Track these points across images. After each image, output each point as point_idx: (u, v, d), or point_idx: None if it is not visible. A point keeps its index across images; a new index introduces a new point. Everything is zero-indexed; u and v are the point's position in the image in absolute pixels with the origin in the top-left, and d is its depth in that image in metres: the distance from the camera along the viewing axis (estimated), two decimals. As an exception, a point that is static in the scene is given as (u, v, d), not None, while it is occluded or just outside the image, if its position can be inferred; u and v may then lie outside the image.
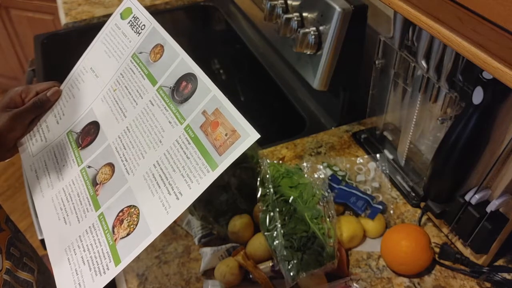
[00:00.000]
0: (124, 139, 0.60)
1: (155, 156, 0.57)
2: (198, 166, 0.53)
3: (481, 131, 0.73)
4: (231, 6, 1.61)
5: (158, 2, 1.64)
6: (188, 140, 0.55)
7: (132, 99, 0.63)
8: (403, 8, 0.53)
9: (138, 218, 0.54)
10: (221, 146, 0.52)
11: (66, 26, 1.53)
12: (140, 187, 0.56)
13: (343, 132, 1.10)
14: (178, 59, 0.62)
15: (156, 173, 0.55)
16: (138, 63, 0.65)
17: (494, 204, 0.73)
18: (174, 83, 0.60)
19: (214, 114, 0.55)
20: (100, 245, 0.54)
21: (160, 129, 0.58)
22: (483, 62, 0.44)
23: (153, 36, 0.66)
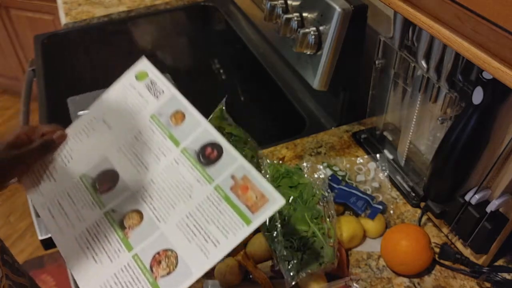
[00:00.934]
0: (150, 190, 0.64)
1: (186, 208, 0.61)
2: (233, 220, 0.58)
3: (481, 131, 0.73)
4: (231, 6, 1.61)
5: (158, 2, 1.64)
6: (219, 198, 0.60)
7: (155, 156, 0.66)
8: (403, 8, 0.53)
9: (177, 261, 0.58)
10: (252, 206, 0.58)
11: (66, 26, 1.53)
12: (174, 234, 0.60)
13: (343, 132, 1.10)
14: (201, 128, 0.66)
15: (190, 223, 0.60)
16: (158, 124, 0.68)
17: (494, 204, 0.73)
18: (199, 148, 0.64)
19: (242, 179, 0.60)
20: (140, 282, 0.58)
21: (188, 185, 0.62)
22: (483, 62, 0.44)
23: (173, 102, 0.69)
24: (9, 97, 2.98)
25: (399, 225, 0.86)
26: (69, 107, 1.19)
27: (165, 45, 1.54)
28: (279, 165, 0.86)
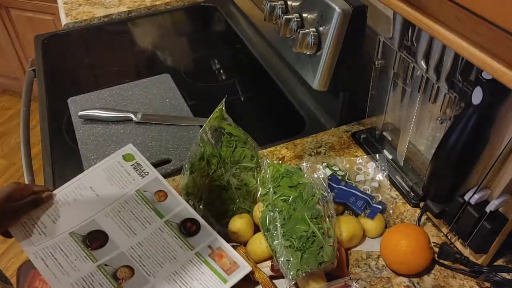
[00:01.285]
0: (138, 251, 0.74)
1: (172, 267, 0.73)
2: (212, 279, 0.72)
3: (480, 131, 0.73)
4: (231, 6, 1.61)
5: (158, 2, 1.64)
6: (200, 262, 0.74)
7: (141, 223, 0.77)
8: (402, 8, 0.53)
9: None
10: (227, 269, 0.74)
11: (67, 26, 1.53)
12: (165, 286, 0.71)
13: (343, 132, 1.10)
14: (181, 206, 0.80)
15: (177, 279, 0.72)
16: (143, 198, 0.80)
17: (494, 204, 0.74)
18: (180, 222, 0.78)
19: (218, 249, 0.76)
20: None
21: (172, 249, 0.75)
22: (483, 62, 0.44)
23: (156, 183, 0.82)
24: (10, 97, 2.98)
25: (398, 225, 0.86)
26: (69, 107, 1.19)
27: (165, 45, 1.55)
28: (279, 165, 0.86)
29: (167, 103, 1.20)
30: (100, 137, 1.10)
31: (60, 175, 1.02)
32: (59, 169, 1.04)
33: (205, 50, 1.50)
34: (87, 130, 1.12)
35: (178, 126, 1.13)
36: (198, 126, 1.12)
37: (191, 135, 1.10)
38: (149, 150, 1.06)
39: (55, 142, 1.12)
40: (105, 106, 1.18)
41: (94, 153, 1.05)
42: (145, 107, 1.19)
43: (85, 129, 1.12)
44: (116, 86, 1.26)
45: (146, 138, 1.10)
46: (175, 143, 1.08)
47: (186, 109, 1.18)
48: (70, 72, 1.45)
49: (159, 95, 1.23)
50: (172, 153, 1.05)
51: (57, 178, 1.01)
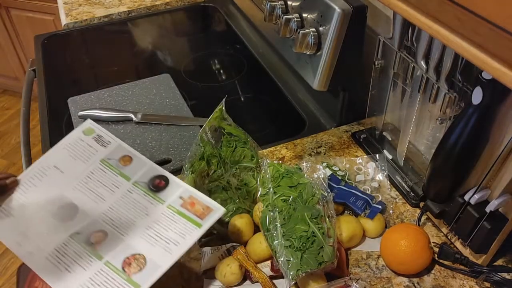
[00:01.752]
0: (109, 214, 0.76)
1: (145, 223, 0.74)
2: (187, 226, 0.73)
3: (480, 131, 0.73)
4: (231, 6, 1.61)
5: (158, 2, 1.64)
6: (173, 213, 0.75)
7: (109, 189, 0.78)
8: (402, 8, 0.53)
9: (146, 261, 0.70)
10: (201, 214, 0.74)
11: (67, 27, 1.53)
12: (139, 242, 0.72)
13: (343, 132, 1.10)
14: (147, 166, 0.81)
15: (151, 233, 0.73)
16: (108, 166, 0.81)
17: (494, 204, 0.74)
18: (148, 180, 0.79)
19: (189, 198, 0.77)
20: (115, 280, 0.69)
21: (143, 208, 0.76)
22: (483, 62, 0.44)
23: (119, 149, 0.83)
24: (10, 97, 2.98)
25: (398, 225, 0.86)
26: (69, 107, 1.19)
27: (165, 45, 1.55)
28: (279, 165, 0.86)
29: (167, 103, 1.20)
30: (100, 137, 1.10)
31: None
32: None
33: (205, 50, 1.50)
34: (87, 130, 1.12)
35: (178, 126, 1.13)
36: (198, 126, 1.12)
37: (191, 135, 1.10)
38: (149, 150, 1.06)
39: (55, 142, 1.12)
40: (105, 106, 1.18)
41: (94, 153, 1.05)
42: (145, 107, 1.19)
43: (85, 129, 1.12)
44: (116, 86, 1.26)
45: (146, 138, 1.10)
46: (175, 143, 1.08)
47: (186, 109, 1.18)
48: (70, 72, 1.45)
49: (159, 95, 1.23)
50: (172, 153, 1.05)
51: (57, 178, 1.01)
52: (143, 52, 1.51)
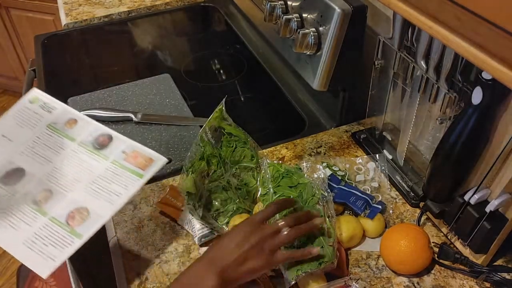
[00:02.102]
0: (55, 174, 0.80)
1: (89, 179, 0.79)
2: (129, 178, 0.78)
3: (480, 131, 0.73)
4: (231, 6, 1.61)
5: (158, 2, 1.64)
6: (116, 167, 0.80)
7: (54, 151, 0.83)
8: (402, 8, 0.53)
9: (89, 213, 0.76)
10: (143, 166, 0.79)
11: (67, 27, 1.53)
12: (83, 197, 0.77)
13: (343, 132, 1.10)
14: (92, 126, 0.85)
15: (95, 187, 0.78)
16: (54, 130, 0.85)
17: (494, 204, 0.74)
18: (93, 139, 0.84)
19: (132, 152, 0.82)
20: (59, 233, 0.74)
21: (88, 165, 0.81)
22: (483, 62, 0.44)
23: (65, 114, 0.87)
24: (10, 97, 2.98)
25: (398, 225, 0.86)
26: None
27: (165, 45, 1.55)
28: (279, 165, 0.86)
29: (167, 103, 1.20)
30: (100, 137, 1.10)
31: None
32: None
33: (205, 50, 1.50)
34: (87, 130, 1.12)
35: (178, 126, 1.13)
36: (198, 126, 1.12)
37: (191, 135, 1.10)
38: (149, 150, 1.06)
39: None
40: (105, 106, 1.18)
41: (94, 153, 1.05)
42: (145, 107, 1.19)
43: (85, 129, 1.12)
44: (116, 86, 1.26)
45: (146, 138, 1.10)
46: (175, 143, 1.08)
47: (186, 109, 1.18)
48: (70, 72, 1.45)
49: (159, 95, 1.23)
50: (172, 153, 1.05)
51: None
52: (143, 52, 1.51)
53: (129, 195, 0.76)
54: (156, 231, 0.89)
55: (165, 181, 0.98)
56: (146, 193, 0.96)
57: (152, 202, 0.94)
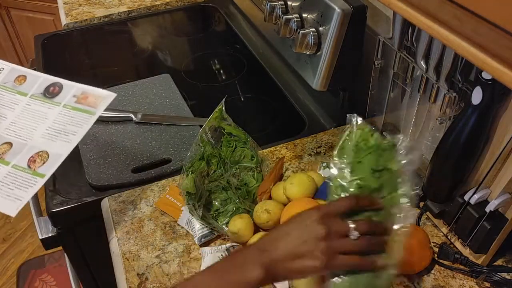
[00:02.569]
0: (13, 128, 0.86)
1: (45, 125, 0.86)
2: (82, 117, 0.85)
3: (480, 131, 0.73)
4: (231, 6, 1.61)
5: (158, 2, 1.64)
6: (68, 110, 0.87)
7: (8, 107, 0.89)
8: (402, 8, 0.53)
9: (48, 154, 0.82)
10: (94, 104, 0.86)
11: (67, 27, 1.53)
12: (41, 142, 0.84)
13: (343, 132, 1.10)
14: (41, 78, 0.92)
15: (51, 132, 0.85)
16: (4, 88, 0.91)
17: (493, 204, 0.74)
18: (43, 90, 0.90)
19: (82, 94, 0.89)
20: (22, 176, 0.80)
21: (42, 113, 0.87)
22: (482, 62, 0.44)
23: (13, 72, 0.94)
24: (9, 97, 2.98)
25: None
26: (69, 107, 1.19)
27: (165, 45, 1.55)
28: (370, 132, 0.63)
29: (167, 103, 1.20)
30: (100, 137, 1.10)
31: (60, 175, 1.02)
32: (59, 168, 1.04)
33: (205, 50, 1.50)
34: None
35: (178, 126, 1.13)
36: (198, 126, 1.12)
37: (191, 135, 1.10)
38: (149, 150, 1.06)
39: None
40: (105, 106, 1.18)
41: (94, 153, 1.05)
42: (145, 107, 1.19)
43: (85, 129, 1.12)
44: (116, 86, 1.26)
45: (146, 138, 1.10)
46: (175, 143, 1.08)
47: (186, 109, 1.18)
48: (70, 72, 1.44)
49: (159, 95, 1.23)
50: (172, 153, 1.05)
51: (57, 178, 1.01)
52: (143, 52, 1.51)
53: (84, 131, 0.83)
54: (156, 231, 0.89)
55: (165, 181, 0.98)
56: (146, 193, 0.96)
57: (152, 202, 0.94)
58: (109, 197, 0.95)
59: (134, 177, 1.00)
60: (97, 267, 1.11)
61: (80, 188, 0.99)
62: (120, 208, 0.93)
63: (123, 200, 0.95)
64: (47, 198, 0.97)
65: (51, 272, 1.97)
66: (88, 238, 1.03)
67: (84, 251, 1.07)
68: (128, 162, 1.03)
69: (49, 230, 0.99)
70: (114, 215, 0.92)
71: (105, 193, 0.97)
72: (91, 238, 1.01)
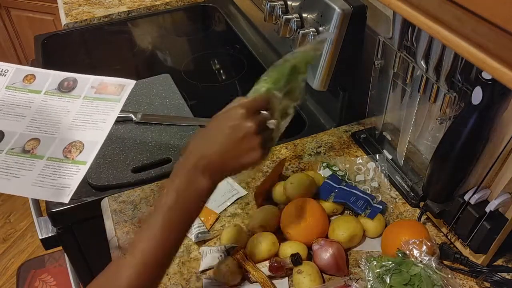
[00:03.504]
0: (34, 125, 0.84)
1: (70, 118, 0.85)
2: (107, 105, 0.85)
3: (480, 131, 0.73)
4: (231, 6, 1.61)
5: (158, 2, 1.64)
6: (90, 101, 0.86)
7: (24, 106, 0.87)
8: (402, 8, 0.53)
9: (83, 143, 0.81)
10: (116, 92, 0.86)
11: (67, 27, 1.53)
12: (70, 133, 0.82)
13: (343, 132, 1.10)
14: (51, 75, 0.91)
15: (78, 123, 0.84)
16: (15, 89, 0.89)
17: (493, 204, 0.74)
18: (57, 85, 0.89)
19: (100, 84, 0.88)
20: (62, 167, 0.78)
21: (63, 108, 0.86)
22: (482, 62, 0.44)
23: (19, 72, 0.91)
24: (9, 97, 2.98)
25: (398, 221, 0.86)
26: (69, 107, 1.19)
27: (165, 45, 1.55)
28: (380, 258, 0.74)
29: (167, 103, 1.20)
30: (100, 137, 1.10)
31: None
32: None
33: (205, 50, 1.50)
34: (87, 130, 1.12)
35: (178, 126, 1.13)
36: (198, 126, 1.12)
37: (191, 135, 1.10)
38: (149, 150, 1.06)
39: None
40: (105, 106, 1.18)
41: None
42: (145, 107, 1.19)
43: (85, 129, 1.12)
44: (116, 86, 1.26)
45: (146, 138, 1.10)
46: (175, 143, 1.08)
47: (186, 109, 1.18)
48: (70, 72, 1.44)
49: (159, 95, 1.23)
50: (172, 153, 1.05)
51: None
52: (143, 52, 1.51)
53: (113, 118, 0.83)
54: (156, 231, 0.89)
55: (165, 181, 0.98)
56: (146, 193, 0.96)
57: (152, 202, 0.94)
58: (109, 197, 0.95)
59: (134, 177, 1.00)
60: (97, 267, 1.11)
61: (80, 188, 0.99)
62: (120, 208, 0.93)
63: (123, 200, 0.95)
64: (47, 198, 0.97)
65: (51, 272, 1.97)
66: (88, 238, 1.03)
67: (84, 251, 1.07)
68: (128, 162, 1.03)
69: (49, 230, 0.99)
70: (114, 215, 0.92)
71: (105, 193, 0.97)
72: (91, 238, 1.01)
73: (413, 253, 0.74)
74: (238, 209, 0.92)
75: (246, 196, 0.95)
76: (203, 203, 0.62)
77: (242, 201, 0.94)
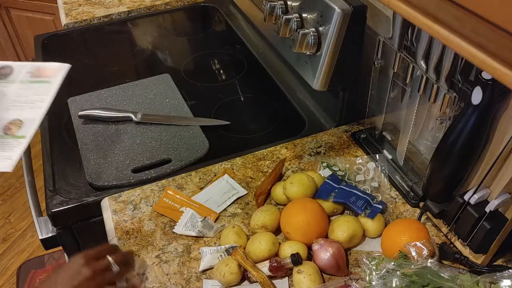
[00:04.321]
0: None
1: (7, 102, 0.88)
2: (42, 87, 0.89)
3: (480, 131, 0.73)
4: (231, 6, 1.61)
5: (158, 2, 1.64)
6: (27, 85, 0.90)
7: None
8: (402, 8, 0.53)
9: (22, 121, 0.85)
10: (50, 76, 0.91)
11: (67, 27, 1.53)
12: (9, 114, 0.86)
13: (343, 132, 1.10)
14: None
15: (16, 104, 0.87)
16: None
17: (493, 204, 0.74)
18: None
19: (37, 70, 0.93)
20: (3, 143, 0.82)
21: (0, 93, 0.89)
22: (482, 62, 0.44)
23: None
24: (9, 97, 2.98)
25: (398, 220, 0.86)
26: (69, 107, 1.19)
27: (165, 45, 1.55)
28: (404, 276, 0.71)
29: (167, 103, 1.20)
30: (100, 137, 1.10)
31: (60, 175, 1.02)
32: (59, 169, 1.05)
33: (205, 50, 1.50)
34: (87, 130, 1.12)
35: (178, 126, 1.13)
36: (198, 126, 1.12)
37: (191, 135, 1.10)
38: (149, 150, 1.06)
39: (55, 142, 1.12)
40: (105, 106, 1.18)
41: (94, 153, 1.05)
42: (145, 107, 1.19)
43: (85, 129, 1.12)
44: (116, 86, 1.26)
45: (146, 138, 1.10)
46: (175, 143, 1.08)
47: (186, 109, 1.18)
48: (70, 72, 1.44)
49: (159, 95, 1.23)
50: (172, 153, 1.05)
51: (57, 178, 1.01)
52: (143, 52, 1.51)
53: (51, 97, 0.87)
54: (156, 231, 0.89)
55: (165, 181, 0.98)
56: (146, 193, 0.96)
57: (153, 202, 0.94)
58: (109, 197, 0.95)
59: (134, 177, 1.00)
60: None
61: (80, 188, 0.99)
62: (120, 208, 0.93)
63: (123, 200, 0.95)
64: (47, 198, 0.97)
65: (51, 272, 1.97)
66: (88, 238, 1.03)
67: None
68: (128, 162, 1.03)
69: (49, 230, 0.99)
70: (114, 215, 0.92)
71: (105, 193, 0.97)
72: (91, 238, 1.01)
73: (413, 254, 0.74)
74: (238, 209, 0.92)
75: (246, 196, 0.95)
76: None
77: (242, 201, 0.94)
